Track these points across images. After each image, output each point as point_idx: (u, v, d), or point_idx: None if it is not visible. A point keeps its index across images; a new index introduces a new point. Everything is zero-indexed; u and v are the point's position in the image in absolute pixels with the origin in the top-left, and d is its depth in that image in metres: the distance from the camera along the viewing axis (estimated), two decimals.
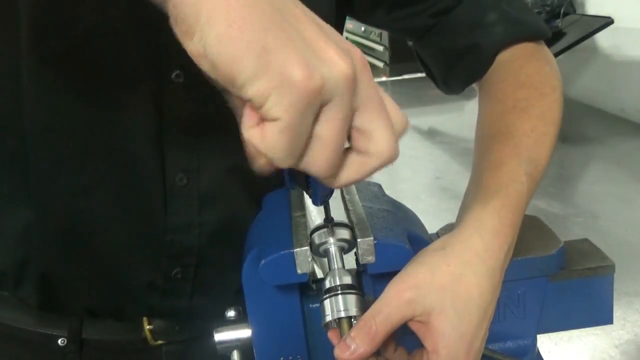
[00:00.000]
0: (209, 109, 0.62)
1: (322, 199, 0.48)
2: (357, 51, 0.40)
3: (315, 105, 0.37)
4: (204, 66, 0.37)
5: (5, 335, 0.71)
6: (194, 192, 0.65)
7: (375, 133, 0.39)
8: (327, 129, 0.38)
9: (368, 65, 0.40)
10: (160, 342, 0.72)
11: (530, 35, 0.70)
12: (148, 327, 0.71)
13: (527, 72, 0.67)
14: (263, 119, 0.37)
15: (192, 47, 0.37)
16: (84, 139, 0.62)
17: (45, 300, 0.69)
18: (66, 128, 0.61)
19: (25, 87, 0.60)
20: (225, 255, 0.65)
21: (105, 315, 0.71)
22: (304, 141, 0.38)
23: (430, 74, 0.78)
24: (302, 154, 0.38)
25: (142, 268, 0.68)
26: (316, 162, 0.39)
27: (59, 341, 0.70)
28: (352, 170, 0.40)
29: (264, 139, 0.38)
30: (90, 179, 0.63)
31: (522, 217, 0.57)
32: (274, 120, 0.37)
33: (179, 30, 0.37)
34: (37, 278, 0.67)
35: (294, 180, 0.49)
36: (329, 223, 0.54)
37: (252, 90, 0.36)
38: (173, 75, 0.61)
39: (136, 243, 0.67)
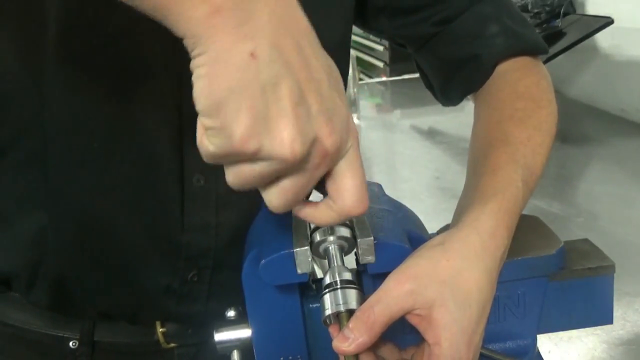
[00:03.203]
0: None
1: None
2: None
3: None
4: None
5: (14, 337, 0.70)
6: (212, 193, 0.65)
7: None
8: None
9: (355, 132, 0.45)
10: (172, 345, 0.72)
11: (529, 50, 0.71)
12: (161, 329, 0.70)
13: (526, 84, 0.68)
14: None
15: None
16: (107, 140, 0.61)
17: (57, 304, 0.68)
18: (90, 129, 0.61)
19: (49, 89, 0.59)
20: (241, 258, 0.65)
21: (119, 319, 0.70)
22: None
23: (428, 84, 0.79)
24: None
25: (158, 271, 0.67)
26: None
27: (71, 343, 0.69)
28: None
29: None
30: (112, 179, 0.63)
31: (517, 222, 0.57)
32: None
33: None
34: (50, 281, 0.66)
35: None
36: None
37: None
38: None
39: (153, 244, 0.66)
